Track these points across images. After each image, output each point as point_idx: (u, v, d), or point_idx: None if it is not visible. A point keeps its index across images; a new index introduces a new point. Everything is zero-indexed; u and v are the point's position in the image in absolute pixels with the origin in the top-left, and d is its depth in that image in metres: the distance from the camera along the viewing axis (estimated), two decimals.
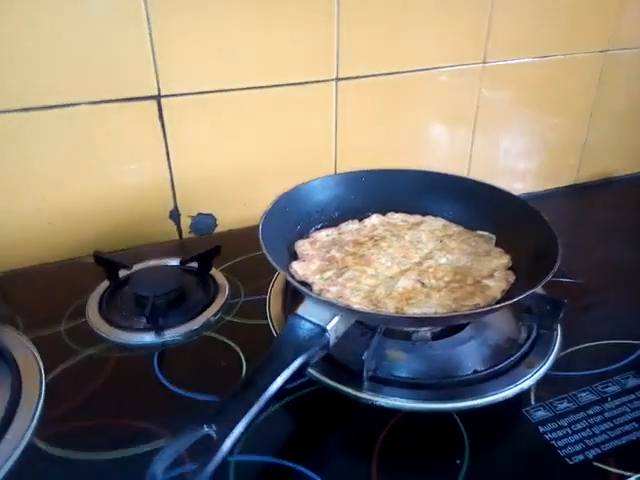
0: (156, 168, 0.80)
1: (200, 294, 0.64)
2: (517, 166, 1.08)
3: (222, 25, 0.74)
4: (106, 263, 0.64)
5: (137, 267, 0.66)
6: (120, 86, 0.73)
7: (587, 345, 0.56)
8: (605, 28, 0.98)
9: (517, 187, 1.09)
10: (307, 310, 0.47)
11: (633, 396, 0.50)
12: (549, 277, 0.48)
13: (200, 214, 0.87)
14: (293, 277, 0.56)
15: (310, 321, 0.46)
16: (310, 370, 0.51)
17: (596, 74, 1.02)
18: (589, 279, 0.70)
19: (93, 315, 0.60)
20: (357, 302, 0.52)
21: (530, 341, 0.55)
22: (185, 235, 0.87)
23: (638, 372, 0.52)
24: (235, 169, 0.85)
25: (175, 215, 0.85)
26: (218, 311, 0.61)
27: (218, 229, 0.89)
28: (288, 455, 0.45)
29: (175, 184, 0.83)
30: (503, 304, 0.47)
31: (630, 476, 0.42)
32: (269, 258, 0.52)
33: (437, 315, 0.50)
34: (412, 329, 0.53)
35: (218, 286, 0.65)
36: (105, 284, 0.65)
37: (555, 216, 0.59)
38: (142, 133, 0.77)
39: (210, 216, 0.88)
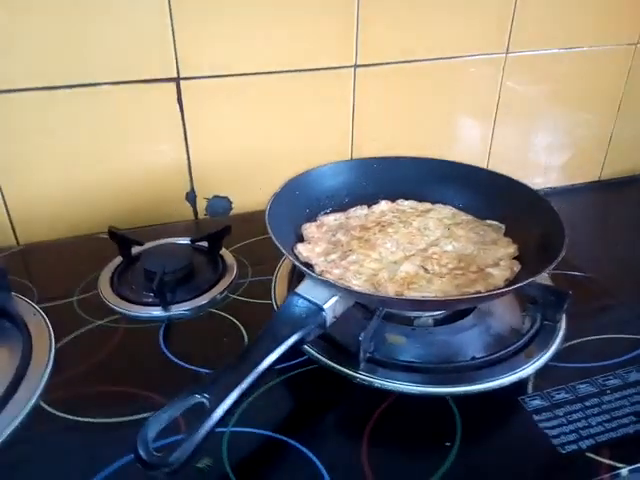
0: (174, 150, 0.81)
1: (209, 272, 0.65)
2: (539, 160, 1.06)
3: (242, 9, 0.74)
4: (119, 239, 0.65)
5: (149, 244, 0.68)
6: (140, 67, 0.74)
7: (591, 338, 0.55)
8: (636, 20, 0.95)
9: (538, 182, 1.07)
10: (306, 289, 0.48)
11: (634, 390, 0.49)
12: (552, 266, 0.48)
13: (216, 197, 0.88)
14: (297, 258, 0.57)
15: (308, 299, 0.47)
16: (309, 349, 0.52)
17: (625, 67, 0.99)
18: (602, 274, 0.68)
19: (105, 288, 0.62)
20: (358, 285, 0.53)
21: (533, 331, 0.55)
22: (201, 217, 0.88)
23: None
24: (252, 153, 0.86)
25: (191, 197, 0.86)
26: (225, 289, 0.62)
27: (233, 212, 0.90)
28: (281, 429, 0.46)
29: (192, 166, 0.84)
30: (500, 290, 0.47)
31: (622, 468, 0.41)
32: (273, 237, 0.53)
33: (433, 298, 0.50)
34: (410, 313, 0.54)
35: (227, 266, 0.66)
36: (118, 259, 0.67)
37: (577, 212, 0.58)
38: (161, 115, 0.78)
39: (226, 199, 0.89)
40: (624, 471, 0.41)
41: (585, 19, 0.92)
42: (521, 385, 0.49)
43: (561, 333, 0.55)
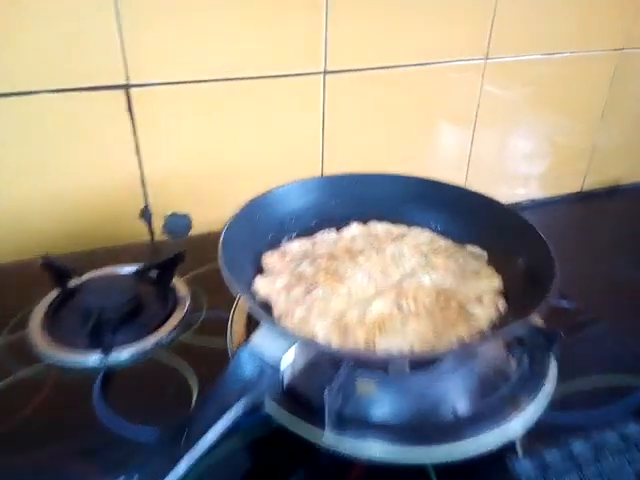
0: (125, 164, 0.74)
1: (157, 308, 0.57)
2: (520, 170, 1.02)
3: (198, 11, 0.67)
4: (54, 270, 0.57)
5: (90, 275, 0.60)
6: (84, 74, 0.67)
7: (583, 380, 0.50)
8: (621, 25, 0.90)
9: (519, 193, 1.02)
10: (260, 341, 0.41)
11: (633, 446, 0.43)
12: (539, 309, 0.42)
13: (174, 214, 0.81)
14: (253, 297, 0.50)
15: (262, 355, 0.40)
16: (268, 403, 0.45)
17: (609, 73, 0.95)
18: (588, 300, 0.63)
19: (35, 328, 0.54)
20: (323, 329, 0.46)
21: (519, 374, 0.49)
22: (157, 237, 0.81)
23: (638, 417, 0.46)
24: (213, 166, 0.79)
25: (147, 215, 0.79)
26: (173, 329, 0.55)
27: (194, 231, 0.82)
28: None
29: (146, 181, 0.77)
30: (479, 343, 0.40)
31: None
32: (226, 274, 0.45)
33: (406, 356, 0.43)
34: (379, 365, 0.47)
35: (178, 299, 0.59)
36: (54, 293, 0.59)
37: (558, 226, 0.53)
38: (109, 125, 0.71)
39: (185, 216, 0.82)
40: None
41: (568, 24, 0.87)
42: (511, 446, 0.43)
43: (550, 377, 0.49)
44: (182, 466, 0.33)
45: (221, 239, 0.50)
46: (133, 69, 0.68)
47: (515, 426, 0.44)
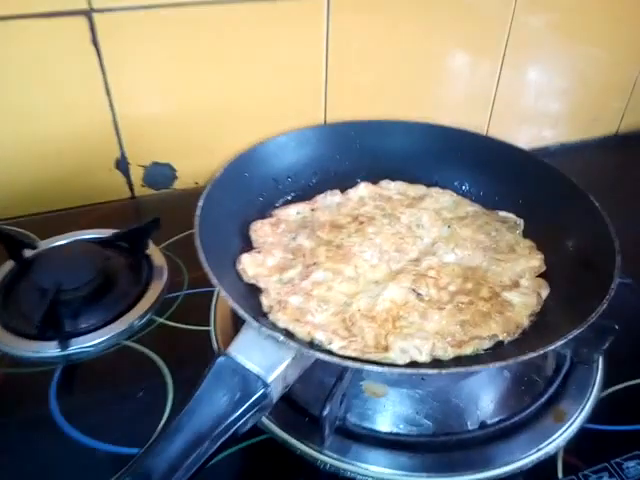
0: (94, 106, 0.64)
1: (127, 285, 0.49)
2: (550, 108, 0.91)
3: None
4: (5, 238, 0.48)
5: (48, 244, 0.50)
6: None
7: (637, 382, 0.41)
8: None
9: (547, 135, 0.92)
10: (244, 348, 0.32)
11: None
12: (601, 310, 0.33)
13: (155, 163, 0.71)
14: (241, 278, 0.41)
15: (246, 368, 0.31)
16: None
17: None
18: (635, 269, 0.53)
19: None
20: (323, 324, 0.37)
21: (561, 376, 0.41)
22: (137, 189, 0.71)
23: None
24: (197, 109, 0.68)
25: (123, 165, 0.69)
26: (147, 311, 0.46)
27: (179, 183, 0.73)
28: None
29: (120, 126, 0.67)
30: (529, 356, 0.31)
31: None
32: (202, 260, 0.36)
33: (428, 371, 0.34)
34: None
35: (153, 272, 0.50)
36: (11, 264, 0.50)
37: (592, 174, 0.45)
38: (72, 61, 0.60)
39: (167, 166, 0.72)
40: None
41: None
42: (549, 465, 0.36)
43: (599, 378, 0.41)
44: None
45: (198, 210, 0.40)
46: None
47: (555, 441, 0.37)
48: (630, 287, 0.51)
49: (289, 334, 0.36)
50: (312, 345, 0.36)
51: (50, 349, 0.43)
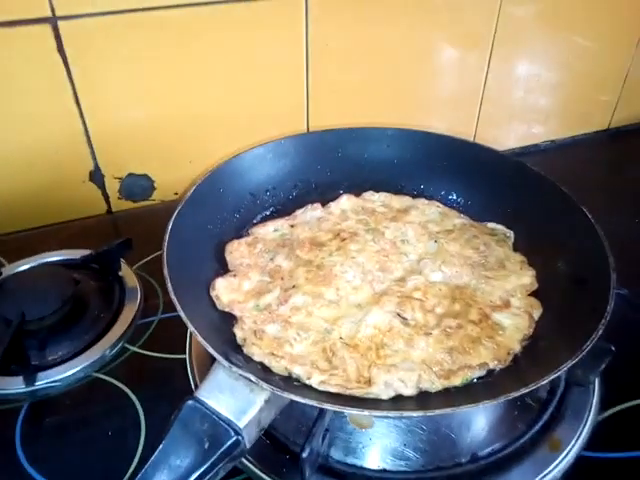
0: (63, 117, 0.62)
1: (98, 310, 0.46)
2: (539, 104, 0.89)
3: None
4: None
5: (13, 268, 0.48)
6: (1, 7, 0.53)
7: (635, 404, 0.39)
8: None
9: (537, 132, 0.90)
10: (214, 390, 0.30)
11: None
12: (598, 334, 0.31)
13: (131, 175, 0.69)
14: (215, 307, 0.39)
15: (215, 413, 0.29)
16: None
17: None
18: (631, 277, 0.51)
19: None
20: (302, 355, 0.35)
21: (556, 400, 0.38)
22: (114, 203, 0.69)
23: None
24: (174, 116, 0.66)
25: (97, 177, 0.67)
26: (120, 339, 0.44)
27: (158, 194, 0.70)
28: None
29: (92, 137, 0.65)
30: (521, 392, 0.29)
31: None
32: (169, 289, 0.34)
33: (413, 414, 0.32)
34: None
35: (126, 296, 0.48)
36: None
37: (583, 171, 0.43)
38: (37, 70, 0.58)
39: (144, 177, 0.70)
40: None
41: None
42: None
43: (595, 401, 0.39)
44: None
45: (167, 234, 0.38)
46: None
47: (550, 471, 0.35)
48: (626, 299, 0.49)
49: (265, 368, 0.34)
50: (290, 379, 0.33)
51: (15, 385, 0.40)
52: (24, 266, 0.49)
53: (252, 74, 0.66)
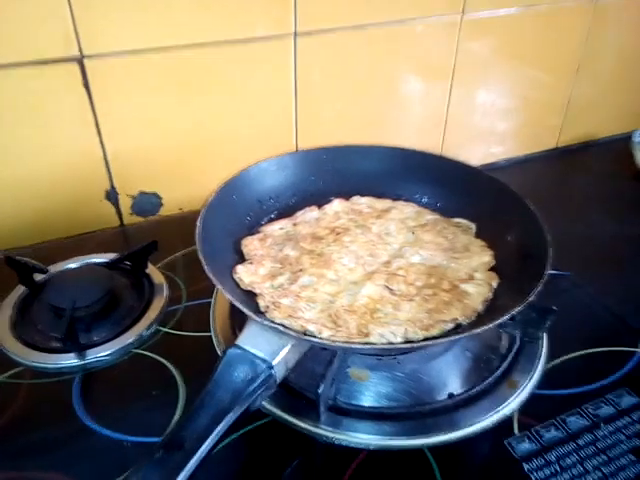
0: (85, 143, 0.69)
1: (133, 300, 0.54)
2: (496, 128, 0.99)
3: None
4: (17, 266, 0.53)
5: (56, 268, 0.56)
6: (33, 46, 0.61)
7: (575, 355, 0.50)
8: None
9: (495, 152, 1.00)
10: (250, 339, 0.39)
11: (628, 419, 0.44)
12: (537, 289, 0.41)
13: (142, 193, 0.76)
14: (237, 286, 0.47)
15: (253, 354, 0.38)
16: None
17: (585, 26, 0.92)
18: (574, 264, 0.62)
19: (3, 331, 0.50)
20: (313, 319, 0.44)
21: (513, 353, 0.48)
22: (126, 218, 0.77)
23: (632, 388, 0.46)
24: (180, 141, 0.74)
25: (112, 195, 0.74)
26: (153, 322, 0.52)
27: (164, 209, 0.78)
28: None
29: (109, 160, 0.72)
30: (480, 329, 0.39)
31: None
32: (206, 269, 0.43)
33: (403, 346, 0.42)
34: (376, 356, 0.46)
35: (155, 289, 0.56)
36: (22, 289, 0.55)
37: (535, 184, 0.52)
38: (65, 102, 0.65)
39: (154, 195, 0.77)
40: None
41: None
42: (506, 424, 0.43)
43: (544, 352, 0.49)
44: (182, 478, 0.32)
45: (198, 230, 0.47)
46: (85, 39, 0.62)
47: (510, 404, 0.44)
48: (569, 279, 0.60)
49: (285, 328, 0.43)
50: (305, 334, 0.42)
51: (68, 360, 0.48)
52: (64, 267, 0.57)
53: (249, 104, 0.74)
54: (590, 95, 1.01)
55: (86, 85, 0.65)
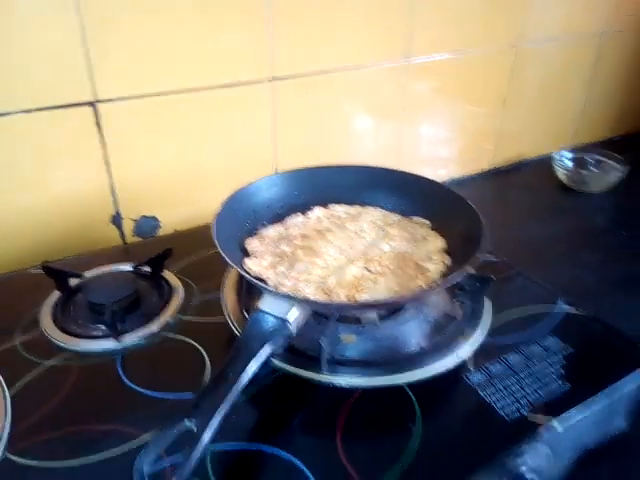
0: (95, 174, 0.79)
1: (155, 297, 0.65)
2: (441, 153, 1.16)
3: (157, 28, 0.74)
4: (56, 273, 0.63)
5: (88, 274, 0.66)
6: (54, 93, 0.72)
7: (512, 312, 0.64)
8: (514, 26, 1.07)
9: (442, 173, 1.17)
10: (267, 304, 0.51)
11: (552, 353, 0.58)
12: (475, 258, 0.55)
13: (144, 217, 0.87)
14: (248, 273, 0.59)
15: (272, 314, 0.50)
16: (272, 359, 0.54)
17: (508, 66, 1.11)
18: (509, 255, 0.78)
19: (48, 326, 0.60)
20: (311, 293, 0.56)
21: (464, 313, 0.62)
22: (128, 239, 0.87)
23: (554, 332, 0.61)
24: (179, 171, 0.86)
25: (117, 219, 0.85)
26: (175, 312, 0.63)
27: (161, 231, 0.89)
28: (259, 440, 0.48)
29: (115, 189, 0.82)
30: (441, 284, 0.53)
31: (554, 421, 0.49)
32: (227, 260, 0.55)
33: (386, 300, 0.55)
34: (363, 314, 0.58)
35: (172, 288, 0.66)
36: (55, 294, 0.65)
37: (476, 199, 0.66)
38: (80, 140, 0.76)
39: (153, 218, 0.88)
40: (555, 423, 0.49)
41: (471, 27, 1.02)
42: (464, 364, 0.56)
43: (488, 313, 0.62)
44: (228, 402, 0.43)
45: (214, 230, 0.58)
46: (99, 86, 0.74)
47: (465, 350, 0.57)
48: (505, 262, 0.75)
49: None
50: None
51: (109, 344, 0.58)
52: (96, 272, 0.67)
53: (233, 137, 0.87)
54: (517, 123, 1.21)
55: (98, 124, 0.76)
